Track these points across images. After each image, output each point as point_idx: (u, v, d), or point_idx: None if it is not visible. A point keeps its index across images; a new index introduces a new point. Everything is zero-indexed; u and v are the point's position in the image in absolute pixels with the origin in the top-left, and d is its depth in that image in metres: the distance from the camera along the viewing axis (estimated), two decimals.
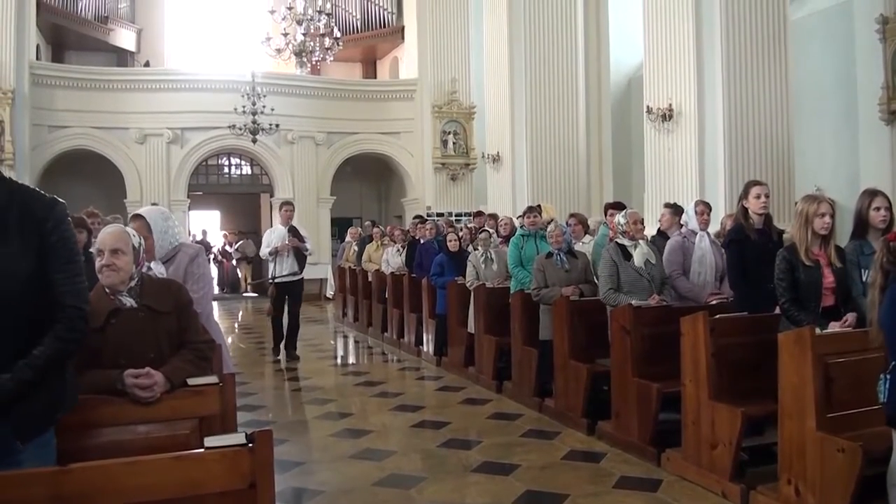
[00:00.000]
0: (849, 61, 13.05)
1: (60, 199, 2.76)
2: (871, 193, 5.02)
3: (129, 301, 3.32)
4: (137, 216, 4.33)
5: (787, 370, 4.38)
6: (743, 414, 4.75)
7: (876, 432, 3.95)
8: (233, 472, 2.61)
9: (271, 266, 10.61)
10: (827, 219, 4.84)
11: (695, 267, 6.54)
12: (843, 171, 13.28)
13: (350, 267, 15.09)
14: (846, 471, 3.98)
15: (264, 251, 10.53)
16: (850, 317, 4.64)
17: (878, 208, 4.95)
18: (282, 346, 10.92)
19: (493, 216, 11.94)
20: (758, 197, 5.76)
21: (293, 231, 10.50)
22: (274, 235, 10.56)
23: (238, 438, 2.63)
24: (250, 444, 2.61)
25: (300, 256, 10.55)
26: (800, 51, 12.76)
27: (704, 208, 6.74)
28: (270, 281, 10.64)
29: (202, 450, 2.63)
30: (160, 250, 4.33)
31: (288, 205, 10.85)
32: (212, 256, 22.95)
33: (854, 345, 4.38)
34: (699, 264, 6.55)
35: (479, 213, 13.04)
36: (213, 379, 3.28)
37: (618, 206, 7.97)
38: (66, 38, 21.20)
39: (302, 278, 10.81)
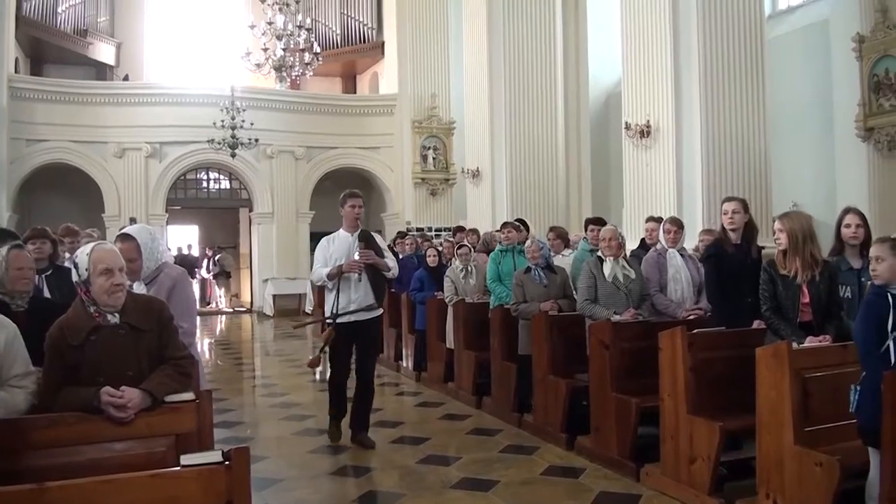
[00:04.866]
0: (826, 79, 13.20)
1: None
2: (845, 211, 5.13)
3: (112, 318, 3.30)
4: (128, 236, 4.17)
5: (764, 384, 4.41)
6: (721, 428, 4.76)
7: (854, 446, 3.99)
8: (209, 490, 2.60)
9: (329, 296, 6.62)
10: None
11: (670, 285, 6.57)
12: (820, 188, 13.40)
13: None
14: (824, 485, 4.00)
15: (320, 273, 6.56)
16: (828, 338, 4.67)
17: (847, 225, 5.03)
18: (343, 422, 6.92)
19: (474, 231, 11.97)
20: (726, 213, 5.86)
21: (366, 239, 6.60)
22: (335, 247, 6.63)
23: (214, 456, 2.63)
24: (227, 462, 2.60)
25: (378, 280, 6.62)
26: (778, 68, 12.90)
27: (671, 226, 6.69)
28: (330, 320, 6.55)
29: (178, 468, 2.63)
30: (146, 271, 4.21)
31: (354, 198, 6.71)
32: (198, 274, 22.90)
33: (831, 359, 4.43)
34: (674, 281, 6.57)
35: (461, 229, 13.06)
36: (189, 396, 3.26)
37: (598, 222, 8.01)
38: (45, 52, 21.08)
39: (381, 316, 6.91)
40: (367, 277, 6.50)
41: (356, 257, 6.45)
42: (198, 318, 4.71)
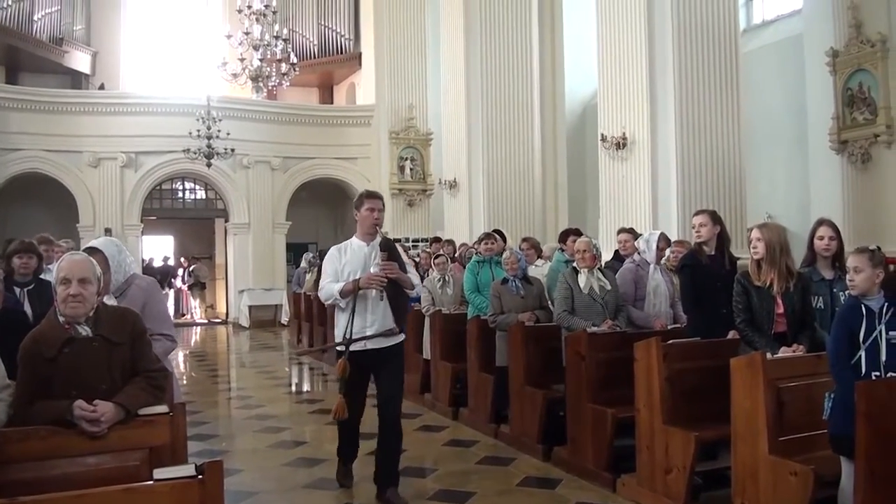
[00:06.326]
0: (800, 93, 13.33)
1: None
2: (818, 223, 5.18)
3: (84, 330, 3.26)
4: (94, 250, 4.11)
5: (739, 394, 4.43)
6: (696, 438, 4.78)
7: (827, 455, 4.02)
8: None
9: (341, 318, 5.50)
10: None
11: (650, 298, 6.61)
12: (794, 199, 13.53)
13: (306, 293, 15.00)
14: (799, 494, 4.02)
15: (330, 290, 5.36)
16: (801, 348, 4.71)
17: (821, 237, 5.09)
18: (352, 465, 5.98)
19: (450, 242, 11.98)
20: (693, 227, 5.94)
21: (389, 249, 5.45)
22: (348, 258, 5.51)
23: (188, 470, 2.61)
24: (200, 476, 2.58)
25: (399, 299, 5.46)
26: (753, 82, 13.01)
27: (665, 245, 6.81)
28: (344, 345, 5.40)
29: (151, 482, 2.60)
30: (114, 284, 4.19)
31: (373, 199, 5.62)
32: (174, 284, 22.85)
33: (805, 369, 4.47)
34: (654, 295, 6.62)
35: (437, 239, 13.07)
36: (163, 408, 3.23)
37: (577, 233, 8.04)
38: (20, 60, 20.91)
39: (403, 343, 5.63)
40: (387, 296, 5.33)
41: (374, 270, 5.29)
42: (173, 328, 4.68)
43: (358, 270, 5.37)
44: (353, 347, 5.34)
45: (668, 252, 6.95)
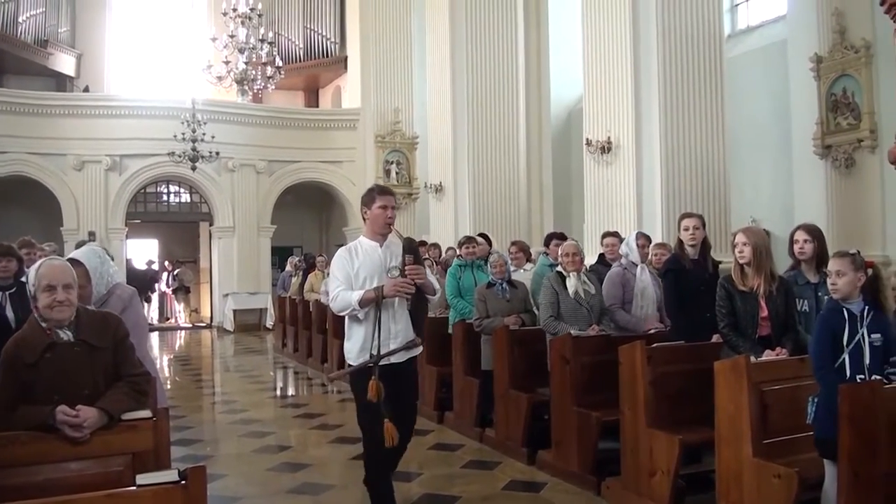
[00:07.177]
0: (784, 98, 13.39)
1: None
2: (797, 227, 5.22)
3: (66, 335, 3.25)
4: (76, 262, 4.05)
5: (723, 398, 4.44)
6: (680, 441, 4.79)
7: (811, 458, 4.04)
8: None
9: (357, 330, 4.80)
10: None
11: (637, 301, 6.63)
12: (778, 204, 13.58)
13: (291, 296, 14.97)
14: (783, 496, 4.03)
15: (346, 299, 4.67)
16: (784, 351, 4.73)
17: (796, 241, 5.14)
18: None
19: (435, 246, 11.97)
20: (686, 229, 5.92)
21: (415, 251, 4.81)
22: (361, 261, 4.80)
23: (171, 475, 2.60)
24: (183, 482, 2.57)
25: (420, 307, 4.88)
26: (737, 87, 13.06)
27: (645, 241, 6.85)
28: (370, 362, 4.64)
29: (134, 487, 2.59)
30: (96, 296, 4.17)
31: (385, 195, 4.90)
32: (157, 288, 22.78)
33: (789, 372, 4.49)
34: (641, 297, 6.63)
35: (423, 243, 13.05)
36: (146, 413, 3.22)
37: (561, 237, 8.06)
38: (4, 62, 20.76)
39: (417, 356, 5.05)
40: (408, 303, 4.74)
41: (395, 274, 4.63)
42: (149, 335, 4.68)
43: (374, 275, 4.73)
44: (382, 363, 4.67)
45: (650, 251, 6.98)
